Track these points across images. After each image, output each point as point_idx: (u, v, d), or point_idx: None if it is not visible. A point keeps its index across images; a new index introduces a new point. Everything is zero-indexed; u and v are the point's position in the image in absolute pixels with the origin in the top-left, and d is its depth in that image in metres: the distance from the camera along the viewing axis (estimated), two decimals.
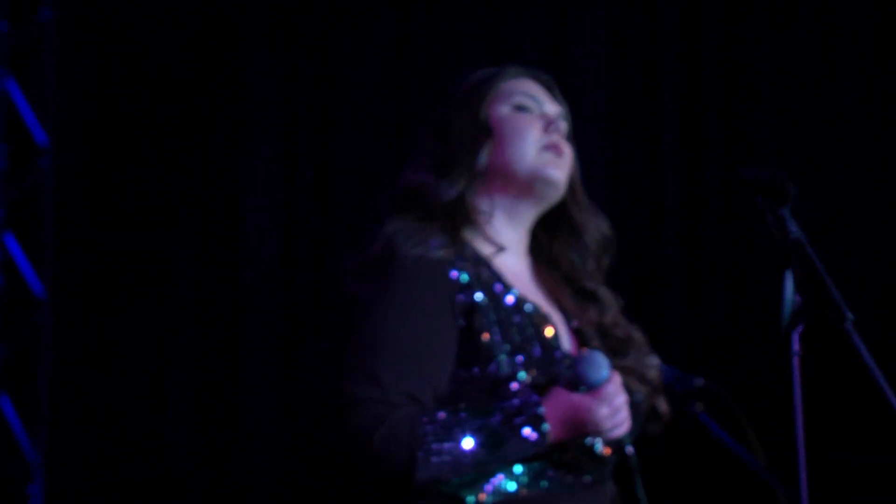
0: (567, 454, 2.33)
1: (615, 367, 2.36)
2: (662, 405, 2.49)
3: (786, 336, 2.23)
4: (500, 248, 2.47)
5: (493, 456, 2.27)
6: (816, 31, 4.66)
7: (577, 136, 4.59)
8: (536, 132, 2.52)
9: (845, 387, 3.53)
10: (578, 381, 2.31)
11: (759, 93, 4.65)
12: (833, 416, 4.12)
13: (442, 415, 2.27)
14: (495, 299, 2.39)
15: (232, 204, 4.72)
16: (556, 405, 2.29)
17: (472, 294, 2.37)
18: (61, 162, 4.61)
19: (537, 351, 2.36)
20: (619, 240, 4.45)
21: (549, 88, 2.62)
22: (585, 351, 2.38)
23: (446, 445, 2.25)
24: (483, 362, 2.33)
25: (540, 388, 2.32)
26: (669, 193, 4.63)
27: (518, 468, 2.32)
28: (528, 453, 2.29)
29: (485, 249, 2.47)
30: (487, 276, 2.41)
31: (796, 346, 2.21)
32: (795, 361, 2.17)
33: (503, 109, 2.54)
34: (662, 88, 4.69)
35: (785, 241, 2.30)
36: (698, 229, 4.62)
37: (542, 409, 2.28)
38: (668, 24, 4.72)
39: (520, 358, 2.34)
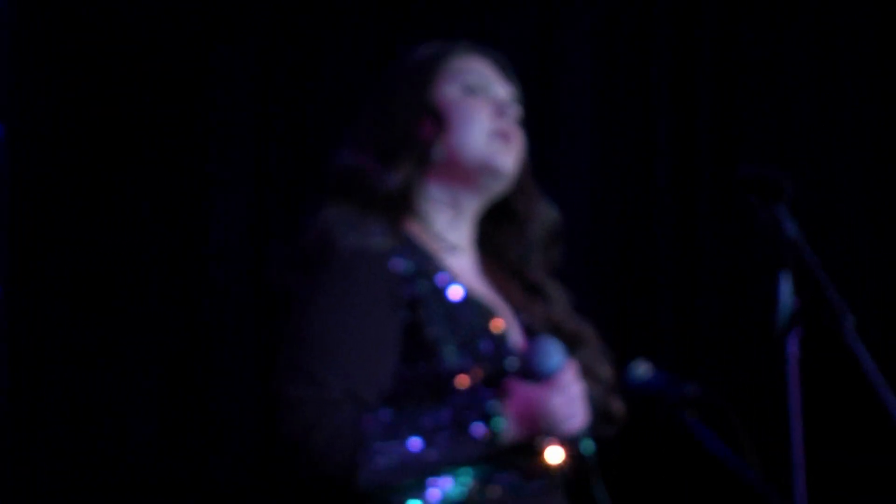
0: (518, 458, 2.20)
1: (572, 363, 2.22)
2: (617, 405, 2.37)
3: (781, 338, 2.16)
4: (445, 240, 2.35)
5: (443, 456, 2.13)
6: (815, 30, 4.57)
7: (565, 134, 4.57)
8: (486, 117, 2.38)
9: (839, 387, 3.47)
10: (530, 372, 2.16)
11: (755, 90, 4.55)
12: (828, 416, 4.04)
13: (386, 414, 2.14)
14: (439, 292, 2.26)
15: (199, 199, 4.59)
16: (508, 397, 2.16)
17: (415, 287, 2.24)
18: (16, 152, 4.44)
19: (485, 344, 2.24)
20: (611, 240, 4.49)
21: (501, 67, 2.48)
22: (537, 338, 2.23)
23: (391, 446, 2.11)
24: (428, 357, 2.20)
25: (489, 382, 2.18)
26: (662, 192, 4.54)
27: (465, 473, 2.18)
28: (480, 452, 2.15)
29: (428, 240, 2.34)
30: (431, 268, 2.28)
31: (794, 349, 2.13)
32: (793, 365, 2.09)
33: (451, 91, 2.40)
34: (655, 85, 4.59)
35: (781, 241, 2.22)
36: (692, 229, 4.52)
37: (494, 403, 2.14)
38: (661, 21, 4.63)
39: (467, 352, 2.21)
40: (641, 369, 2.32)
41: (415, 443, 2.12)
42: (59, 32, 4.55)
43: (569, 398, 2.17)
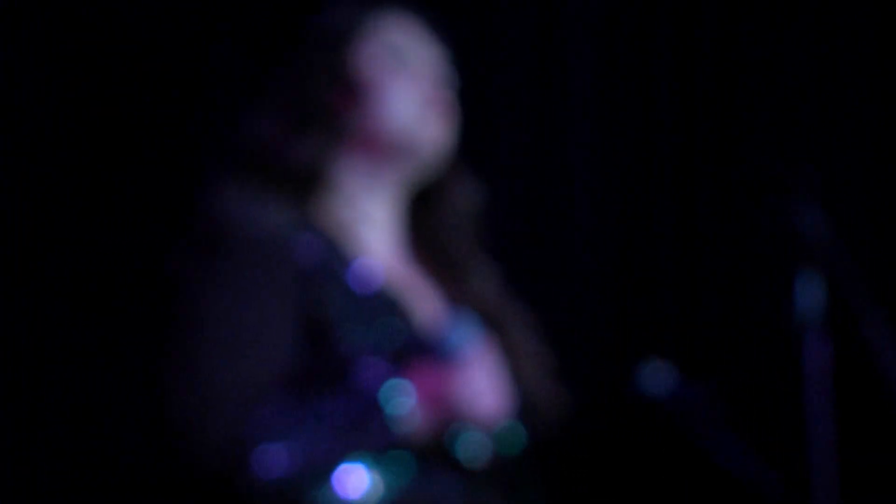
0: (439, 451, 2.04)
1: (490, 342, 2.08)
2: (551, 392, 2.18)
3: (797, 339, 2.13)
4: (359, 220, 2.19)
5: (345, 446, 1.97)
6: (815, 30, 4.56)
7: (565, 134, 4.55)
8: (413, 86, 2.20)
9: (845, 387, 3.45)
10: (436, 350, 2.01)
11: (755, 90, 4.55)
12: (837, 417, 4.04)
13: (281, 405, 1.98)
14: (343, 275, 2.10)
15: (187, 198, 4.52)
16: (412, 377, 2.00)
17: (319, 271, 2.08)
18: (12, 151, 4.36)
19: (393, 327, 2.08)
20: (611, 240, 4.47)
21: (429, 29, 2.28)
22: (446, 315, 2.10)
23: (288, 439, 1.95)
24: (331, 342, 2.04)
25: (395, 363, 2.02)
26: (662, 192, 4.52)
27: (383, 465, 2.00)
28: (387, 439, 1.98)
29: (340, 218, 2.18)
30: (338, 251, 2.12)
31: (815, 350, 2.10)
32: (820, 365, 2.06)
33: (373, 57, 2.20)
34: (655, 85, 4.58)
35: (803, 240, 2.18)
36: (692, 229, 4.51)
37: (398, 383, 1.98)
38: (661, 21, 4.62)
39: (372, 335, 2.05)
40: (654, 373, 2.22)
41: (314, 433, 1.96)
42: (52, 29, 4.49)
43: (476, 374, 2.02)
